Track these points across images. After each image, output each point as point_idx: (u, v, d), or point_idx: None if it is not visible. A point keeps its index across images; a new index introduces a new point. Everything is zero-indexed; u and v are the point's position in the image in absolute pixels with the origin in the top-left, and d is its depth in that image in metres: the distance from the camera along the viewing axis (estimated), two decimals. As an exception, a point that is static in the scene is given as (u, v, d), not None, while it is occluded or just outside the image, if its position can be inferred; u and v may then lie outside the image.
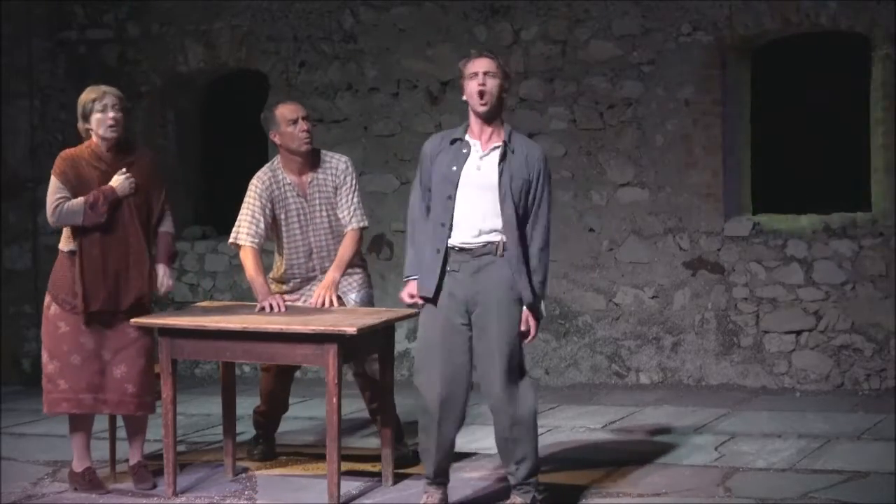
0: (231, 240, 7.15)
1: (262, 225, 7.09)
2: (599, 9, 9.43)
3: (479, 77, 6.10)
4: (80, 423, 6.85)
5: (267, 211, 7.10)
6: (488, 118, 6.15)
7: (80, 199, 6.66)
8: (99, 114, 6.72)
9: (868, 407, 8.41)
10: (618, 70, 9.39)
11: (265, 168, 7.22)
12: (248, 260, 7.05)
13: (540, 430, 7.94)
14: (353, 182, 7.17)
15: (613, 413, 8.45)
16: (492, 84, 6.11)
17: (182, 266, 10.47)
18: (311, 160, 7.17)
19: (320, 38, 10.06)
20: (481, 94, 6.10)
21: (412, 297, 6.24)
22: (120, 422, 7.06)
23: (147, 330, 6.77)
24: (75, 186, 6.70)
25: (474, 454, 7.28)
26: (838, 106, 9.65)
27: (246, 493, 6.75)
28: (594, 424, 8.14)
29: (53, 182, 6.71)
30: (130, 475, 6.91)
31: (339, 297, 7.10)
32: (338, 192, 7.16)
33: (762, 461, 7.07)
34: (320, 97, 9.93)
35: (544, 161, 6.20)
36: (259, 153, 9.15)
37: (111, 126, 6.72)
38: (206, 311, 7.05)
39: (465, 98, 6.20)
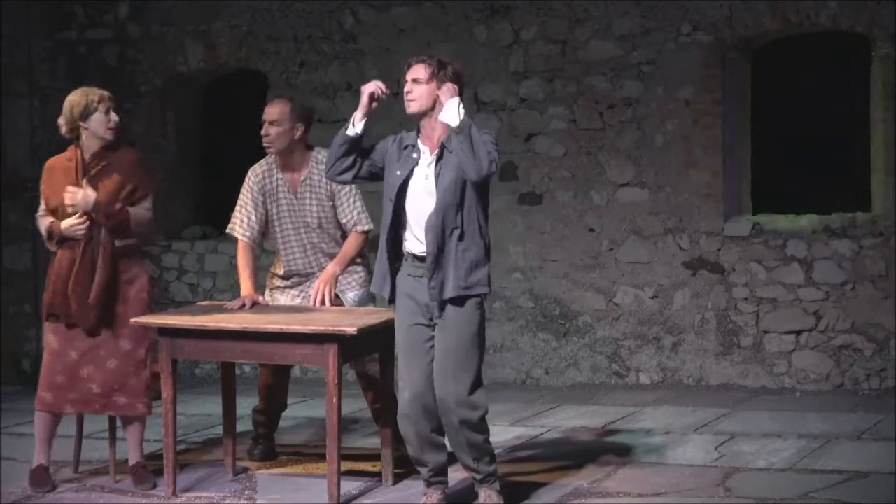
0: (228, 229, 7.22)
1: (254, 218, 7.13)
2: (599, 9, 9.43)
3: (407, 84, 6.27)
4: (41, 422, 6.88)
5: (259, 204, 7.14)
6: (419, 120, 6.26)
7: (45, 225, 6.82)
8: (102, 115, 6.79)
9: (868, 407, 8.40)
10: (618, 70, 9.39)
11: (263, 160, 7.26)
12: (238, 255, 7.16)
13: (540, 430, 7.99)
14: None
15: (613, 413, 8.45)
16: (418, 91, 6.23)
17: (182, 266, 10.48)
18: (300, 159, 7.16)
19: (320, 38, 10.06)
20: (407, 102, 6.26)
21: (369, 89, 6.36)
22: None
23: (118, 332, 6.79)
24: (48, 198, 6.82)
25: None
26: (838, 106, 9.65)
27: (246, 493, 6.75)
28: (594, 424, 8.14)
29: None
30: (130, 476, 6.92)
31: (336, 295, 7.11)
32: (337, 196, 7.15)
33: (762, 461, 7.07)
34: (320, 97, 9.93)
35: (491, 143, 6.19)
36: (259, 153, 9.14)
37: (112, 128, 6.81)
38: (206, 311, 7.05)
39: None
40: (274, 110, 7.13)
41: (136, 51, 10.53)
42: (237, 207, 7.19)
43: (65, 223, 6.74)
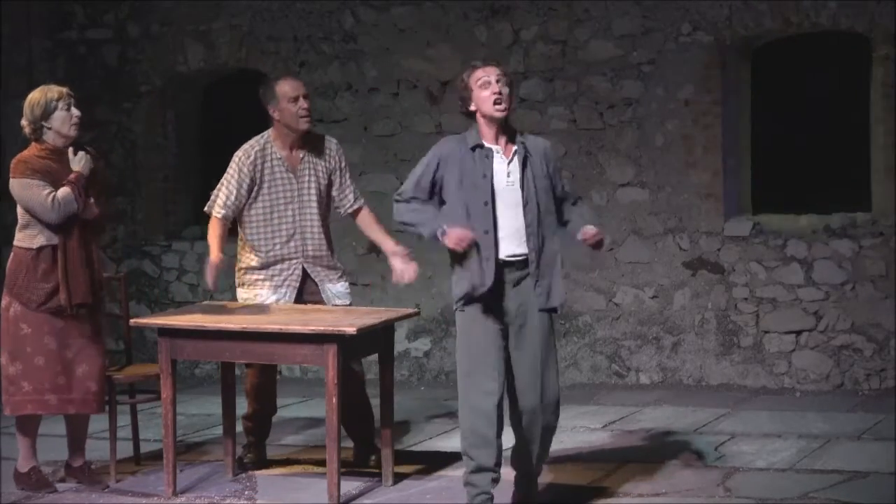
0: (206, 208, 7.16)
1: (233, 198, 7.06)
2: (599, 9, 9.43)
3: (493, 85, 6.09)
4: (30, 425, 6.82)
5: (244, 186, 7.07)
6: (504, 123, 6.15)
7: (66, 189, 6.63)
8: (64, 111, 6.74)
9: (868, 407, 8.41)
10: (618, 70, 9.39)
11: (254, 140, 7.17)
12: (212, 228, 7.07)
13: (540, 430, 7.98)
14: (346, 163, 7.25)
15: (613, 413, 8.45)
16: (505, 91, 6.13)
17: (182, 266, 10.48)
18: (304, 137, 7.15)
19: (320, 38, 10.06)
20: (498, 101, 6.09)
21: (463, 239, 5.95)
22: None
23: (101, 328, 6.84)
24: (51, 183, 6.66)
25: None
26: (838, 106, 9.65)
27: (246, 493, 6.75)
28: (594, 424, 8.14)
29: (31, 183, 6.65)
30: (75, 478, 6.89)
31: (316, 284, 7.12)
32: (334, 174, 7.17)
33: (762, 461, 7.07)
34: (320, 97, 9.92)
35: (552, 150, 6.29)
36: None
37: (76, 124, 6.77)
38: (206, 311, 7.05)
39: (471, 109, 6.11)
40: (302, 84, 7.13)
41: (136, 51, 10.53)
42: (221, 187, 7.10)
43: (75, 164, 6.67)
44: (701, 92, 9.24)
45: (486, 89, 6.09)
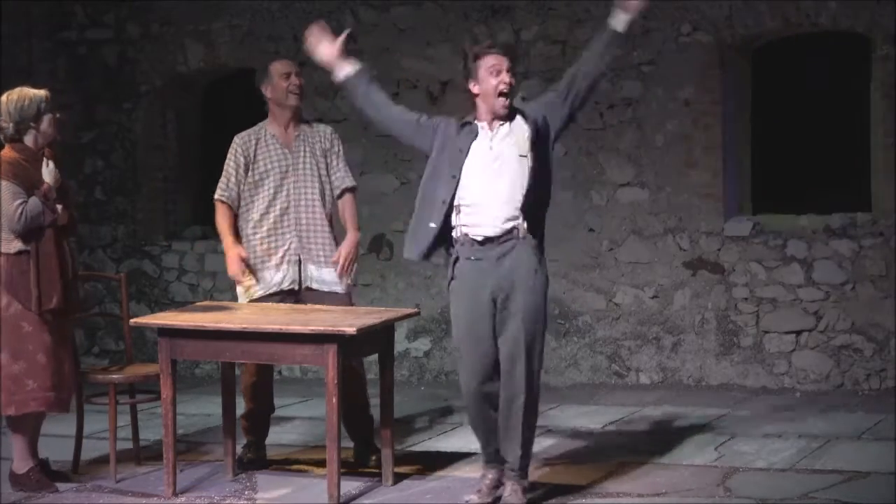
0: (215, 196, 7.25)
1: (232, 181, 7.17)
2: (599, 9, 9.40)
3: (503, 74, 6.15)
4: (26, 424, 6.80)
5: (241, 167, 7.18)
6: (505, 115, 6.24)
7: (36, 202, 6.65)
8: (51, 114, 6.76)
9: (868, 407, 8.40)
10: (618, 70, 9.38)
11: (251, 129, 7.30)
12: (219, 217, 7.20)
13: (540, 431, 7.96)
14: (341, 147, 7.31)
15: (613, 413, 8.45)
16: (511, 81, 6.20)
17: (182, 266, 10.48)
18: (298, 118, 7.27)
19: (320, 38, 10.05)
20: (504, 94, 6.18)
21: None
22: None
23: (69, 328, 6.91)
24: (28, 188, 6.68)
25: (474, 454, 7.28)
26: (838, 106, 9.65)
27: (246, 493, 6.75)
28: (594, 424, 8.14)
29: (8, 186, 6.65)
30: (19, 484, 6.83)
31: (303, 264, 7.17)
32: (328, 156, 7.24)
33: (762, 461, 7.07)
34: (320, 97, 9.92)
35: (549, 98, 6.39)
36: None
37: (58, 126, 6.81)
38: (206, 311, 7.05)
39: (474, 90, 6.24)
40: (295, 64, 7.33)
41: (136, 51, 10.53)
42: (224, 173, 7.22)
43: (45, 174, 6.69)
44: (701, 92, 9.24)
45: (494, 77, 6.15)
